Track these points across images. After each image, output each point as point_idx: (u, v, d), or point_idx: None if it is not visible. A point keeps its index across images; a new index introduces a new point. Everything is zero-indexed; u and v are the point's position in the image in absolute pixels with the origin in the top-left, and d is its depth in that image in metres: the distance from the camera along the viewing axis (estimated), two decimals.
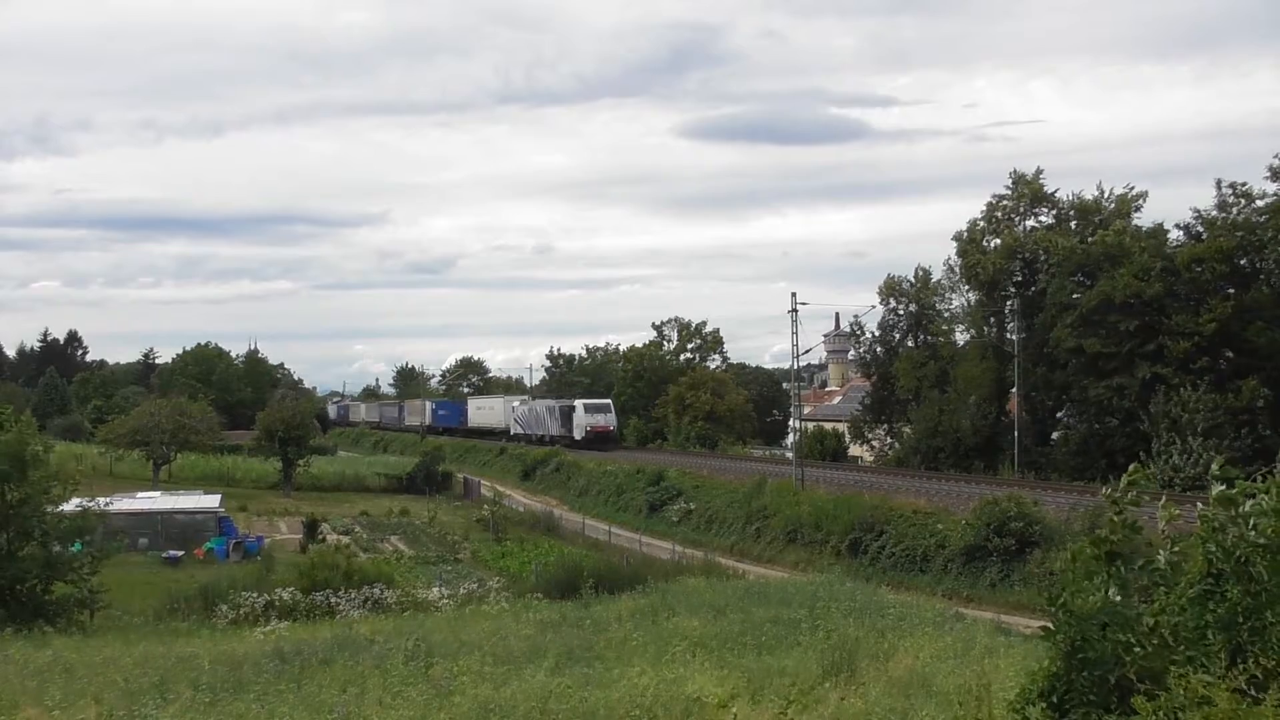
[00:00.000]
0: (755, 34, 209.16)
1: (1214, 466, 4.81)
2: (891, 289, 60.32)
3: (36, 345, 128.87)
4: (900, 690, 10.80)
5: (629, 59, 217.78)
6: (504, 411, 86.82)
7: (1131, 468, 5.05)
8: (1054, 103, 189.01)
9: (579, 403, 73.59)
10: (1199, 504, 4.79)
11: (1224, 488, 4.63)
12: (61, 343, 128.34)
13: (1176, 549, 4.74)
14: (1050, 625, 4.68)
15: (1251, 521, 4.44)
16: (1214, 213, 44.12)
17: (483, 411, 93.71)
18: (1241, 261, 43.19)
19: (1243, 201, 43.57)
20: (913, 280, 60.04)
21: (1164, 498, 5.27)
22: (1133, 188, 50.50)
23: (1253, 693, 4.03)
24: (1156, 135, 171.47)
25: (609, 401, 75.34)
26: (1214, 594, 4.40)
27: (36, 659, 16.33)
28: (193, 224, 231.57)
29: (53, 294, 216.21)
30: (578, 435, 69.76)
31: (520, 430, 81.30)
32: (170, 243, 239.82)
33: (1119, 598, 4.55)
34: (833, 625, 15.47)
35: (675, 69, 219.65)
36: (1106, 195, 50.70)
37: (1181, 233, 45.50)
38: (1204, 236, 43.82)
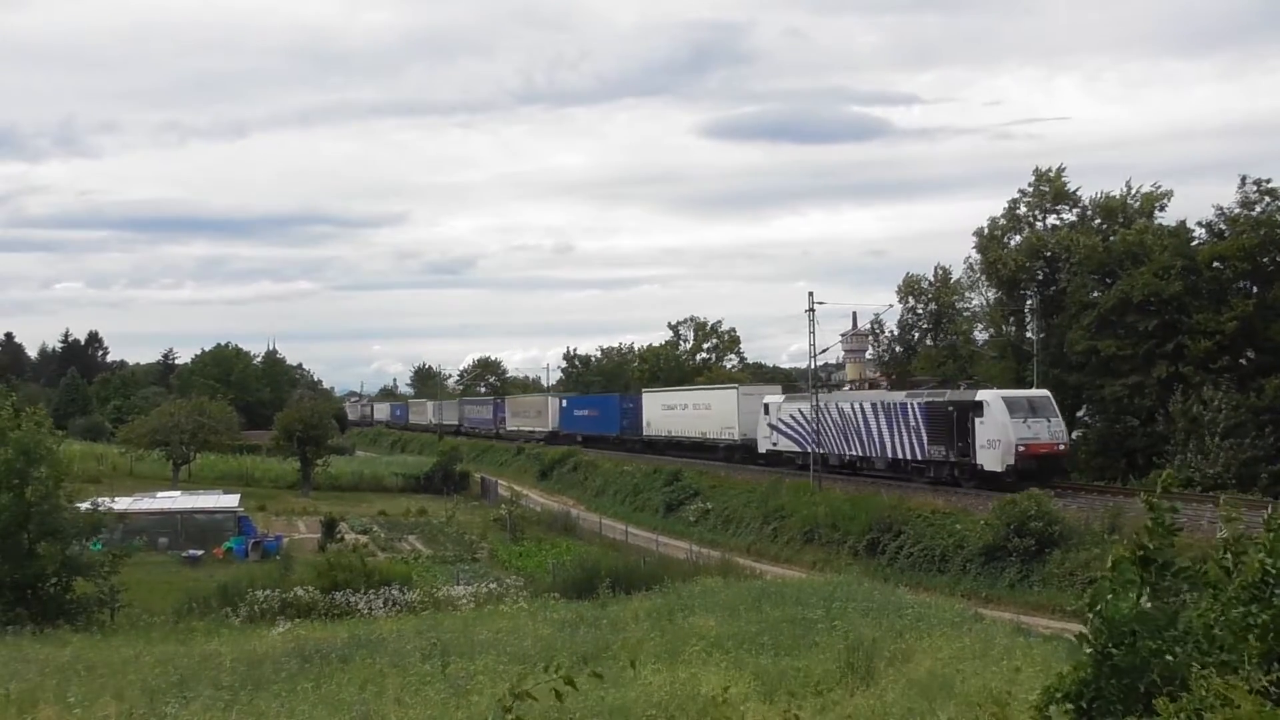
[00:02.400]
0: (778, 32, 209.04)
1: None
2: (910, 288, 60.10)
3: (58, 346, 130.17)
4: (919, 691, 10.74)
5: (651, 58, 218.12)
6: (735, 411, 54.42)
7: (1165, 473, 4.99)
8: (1079, 99, 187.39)
9: (993, 396, 37.59)
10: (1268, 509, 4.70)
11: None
12: (82, 343, 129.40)
13: (1226, 554, 4.67)
14: (1085, 632, 4.62)
15: None
16: (1236, 209, 43.74)
17: (683, 413, 60.01)
18: (1264, 259, 42.76)
19: (1266, 199, 43.14)
20: (932, 279, 59.85)
21: (1220, 499, 5.17)
22: (1158, 185, 49.97)
23: (1276, 694, 3.98)
24: (1183, 132, 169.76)
25: (1047, 394, 38.98)
26: (1260, 599, 4.35)
27: (58, 657, 16.46)
28: (214, 225, 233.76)
29: (75, 295, 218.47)
30: (991, 462, 36.54)
31: (789, 445, 48.60)
32: (192, 244, 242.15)
33: (1149, 605, 4.50)
34: (850, 625, 15.41)
35: (697, 68, 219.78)
36: (1132, 193, 50.29)
37: (1204, 230, 45.13)
38: (1226, 234, 43.44)
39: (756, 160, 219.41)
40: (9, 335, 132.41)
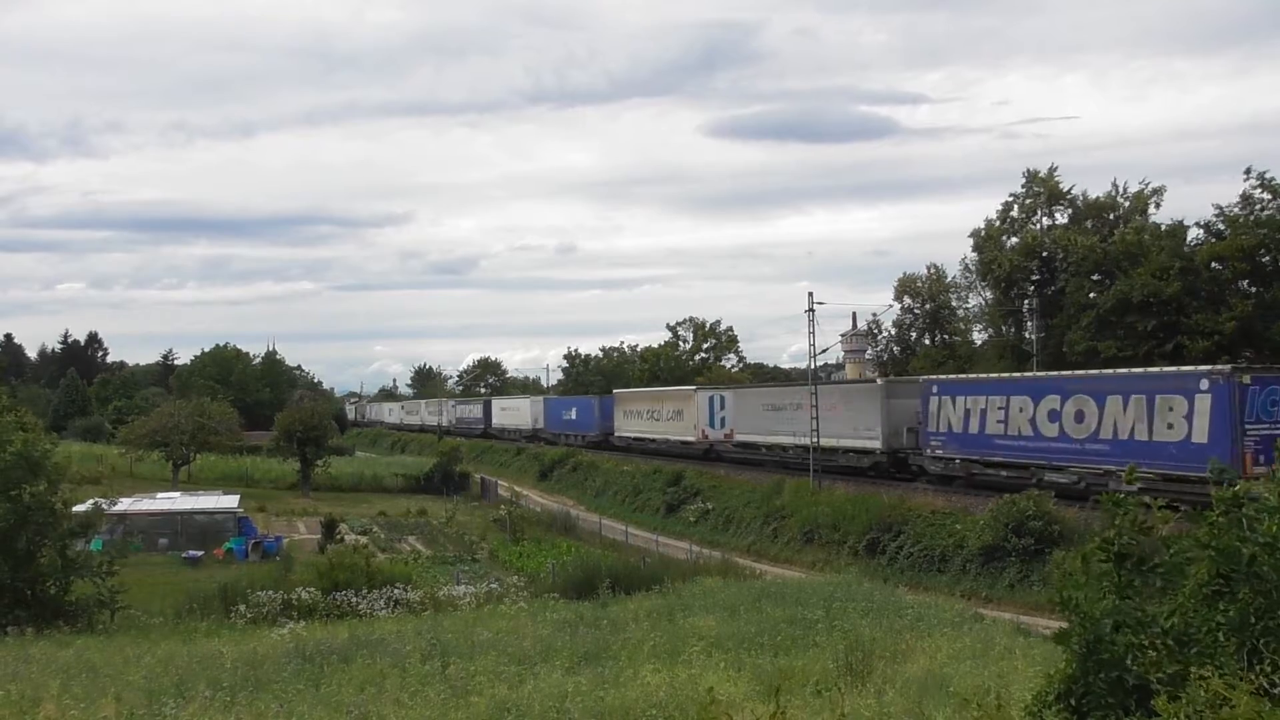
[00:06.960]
0: (787, 32, 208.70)
1: (1210, 466, 4.81)
2: (905, 288, 60.19)
3: (57, 347, 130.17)
4: (916, 690, 10.76)
5: (660, 58, 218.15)
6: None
7: (1129, 467, 5.01)
8: (1086, 99, 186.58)
9: None
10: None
11: (1222, 487, 4.60)
12: (82, 344, 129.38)
13: (1172, 551, 4.70)
14: (1065, 626, 4.65)
15: (1247, 522, 4.41)
16: (1235, 209, 43.78)
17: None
18: (1264, 259, 42.79)
19: (1267, 197, 43.14)
20: (924, 279, 59.96)
21: (1155, 499, 5.13)
22: (1149, 183, 50.16)
23: (1274, 692, 4.00)
24: (1191, 131, 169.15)
25: None
26: (1224, 594, 4.37)
27: (59, 658, 16.47)
28: (217, 225, 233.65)
29: (76, 295, 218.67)
30: None
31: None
32: (194, 244, 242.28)
33: (1121, 600, 4.52)
34: (849, 625, 15.44)
35: (706, 67, 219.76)
36: (1121, 191, 50.44)
37: (1202, 230, 45.16)
38: (1225, 234, 43.47)
39: (762, 160, 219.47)
40: (9, 336, 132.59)
